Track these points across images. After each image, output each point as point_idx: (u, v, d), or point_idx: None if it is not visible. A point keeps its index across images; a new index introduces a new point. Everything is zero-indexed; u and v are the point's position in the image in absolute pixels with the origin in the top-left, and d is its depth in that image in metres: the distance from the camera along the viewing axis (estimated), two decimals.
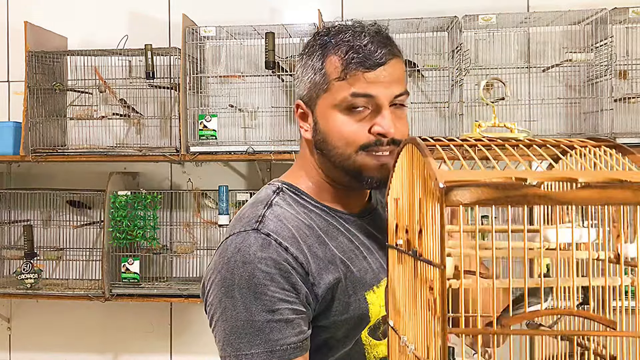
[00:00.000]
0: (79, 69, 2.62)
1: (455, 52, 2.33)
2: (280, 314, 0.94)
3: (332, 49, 1.01)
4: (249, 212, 1.02)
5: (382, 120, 1.00)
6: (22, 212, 2.72)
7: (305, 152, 1.10)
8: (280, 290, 0.94)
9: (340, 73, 0.99)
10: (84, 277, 2.69)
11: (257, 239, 0.97)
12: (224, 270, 0.97)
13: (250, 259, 0.95)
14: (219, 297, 0.96)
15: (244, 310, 0.94)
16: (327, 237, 1.02)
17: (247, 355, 0.93)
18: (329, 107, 1.01)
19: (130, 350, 2.75)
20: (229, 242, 0.99)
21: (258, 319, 0.93)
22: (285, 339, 0.94)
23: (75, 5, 2.77)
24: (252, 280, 0.94)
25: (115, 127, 2.70)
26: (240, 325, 0.94)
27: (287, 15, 2.66)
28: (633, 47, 2.40)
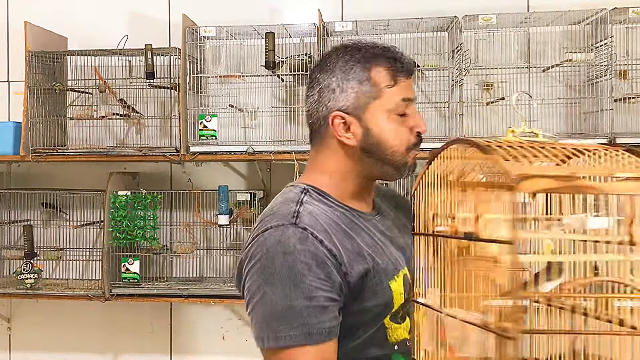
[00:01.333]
0: (79, 69, 2.62)
1: (455, 52, 2.33)
2: (317, 300, 1.04)
3: (374, 60, 1.15)
4: (283, 209, 1.11)
5: (419, 120, 1.17)
6: (22, 212, 2.72)
7: (335, 158, 1.18)
8: (317, 279, 1.04)
9: (390, 80, 1.14)
10: (84, 277, 2.69)
11: (296, 232, 1.06)
12: (264, 259, 1.06)
13: (290, 250, 1.05)
14: (258, 283, 1.06)
15: (284, 296, 1.03)
16: (352, 232, 1.13)
17: (287, 337, 1.03)
18: (383, 112, 1.14)
19: (130, 350, 2.75)
20: (267, 234, 1.08)
21: (297, 304, 1.03)
22: (321, 323, 1.03)
23: (75, 5, 2.77)
24: (292, 269, 1.04)
25: (115, 127, 2.70)
26: (279, 309, 1.03)
27: (287, 15, 2.66)
28: (633, 47, 2.40)
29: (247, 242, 1.12)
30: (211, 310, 2.67)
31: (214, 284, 2.52)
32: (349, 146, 1.16)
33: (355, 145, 1.16)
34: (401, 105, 1.14)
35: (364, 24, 2.42)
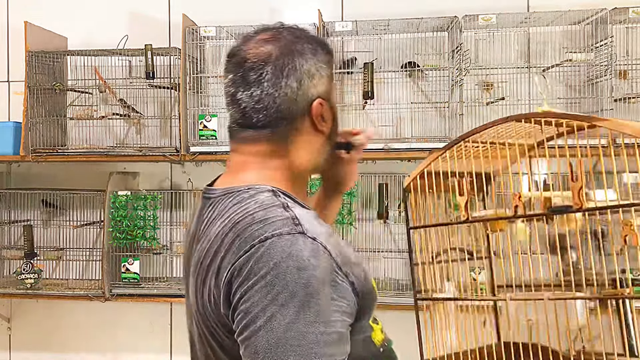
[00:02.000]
0: (79, 69, 2.62)
1: (455, 52, 2.33)
2: (332, 325, 0.88)
3: (326, 48, 1.06)
4: (272, 215, 0.93)
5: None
6: (22, 212, 2.72)
7: (307, 150, 1.05)
8: (332, 300, 0.89)
9: (331, 68, 1.06)
10: (84, 277, 2.69)
11: (306, 243, 0.89)
12: (270, 275, 0.87)
13: (304, 265, 0.87)
14: (262, 304, 0.86)
15: (297, 320, 0.85)
16: (332, 235, 0.99)
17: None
18: (334, 95, 1.07)
19: (130, 350, 2.75)
20: (270, 245, 0.89)
21: (312, 330, 0.86)
22: (338, 355, 0.88)
23: (75, 5, 2.77)
24: (307, 288, 0.86)
25: (115, 127, 2.70)
26: (291, 336, 0.85)
27: (287, 15, 2.66)
28: (633, 47, 2.40)
29: (232, 256, 0.91)
30: None
31: None
32: (321, 136, 1.06)
33: (325, 132, 1.06)
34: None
35: (364, 24, 2.42)
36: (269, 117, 1.01)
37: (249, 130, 1.03)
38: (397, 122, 2.50)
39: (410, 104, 2.49)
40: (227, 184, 1.03)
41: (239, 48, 1.01)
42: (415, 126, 2.49)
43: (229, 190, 1.01)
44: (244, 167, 1.04)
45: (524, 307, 0.79)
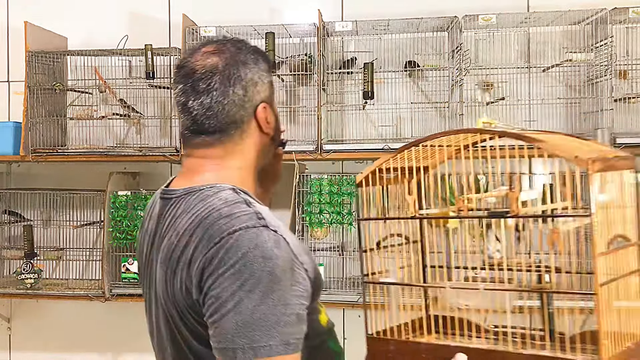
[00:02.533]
0: (79, 69, 2.62)
1: (455, 52, 2.33)
2: (292, 308, 0.99)
3: (264, 57, 1.20)
4: (237, 210, 1.03)
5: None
6: (22, 212, 2.72)
7: (249, 155, 1.15)
8: (291, 286, 1.00)
9: (271, 75, 1.19)
10: (84, 277, 2.69)
11: (270, 235, 1.00)
12: (238, 264, 0.98)
13: (269, 255, 0.98)
14: (231, 290, 0.98)
15: (262, 304, 0.97)
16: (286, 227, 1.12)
17: (265, 347, 0.97)
18: (275, 99, 1.20)
19: (130, 350, 2.75)
20: (238, 237, 0.99)
21: (275, 312, 0.98)
22: (297, 333, 1.00)
23: (75, 5, 2.77)
24: (271, 275, 0.97)
25: (115, 127, 2.70)
26: (256, 318, 0.97)
27: (287, 15, 2.66)
28: (633, 47, 2.40)
29: (203, 248, 1.01)
30: None
31: None
32: (266, 137, 1.17)
33: (270, 134, 1.17)
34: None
35: (364, 24, 2.42)
36: (220, 123, 1.11)
37: (202, 135, 1.11)
38: (397, 122, 2.50)
39: (410, 104, 2.49)
40: (185, 185, 1.11)
41: (186, 60, 1.12)
42: (415, 126, 2.49)
43: (190, 189, 1.09)
44: (200, 169, 1.13)
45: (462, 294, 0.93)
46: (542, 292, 0.86)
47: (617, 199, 0.88)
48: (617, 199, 0.88)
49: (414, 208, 0.99)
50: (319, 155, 2.33)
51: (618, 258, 0.85)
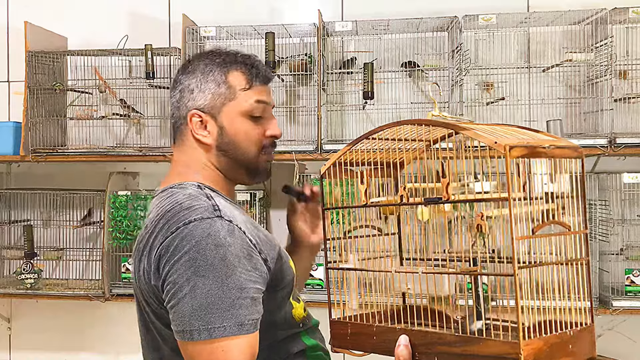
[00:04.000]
0: (79, 69, 2.62)
1: (455, 52, 2.33)
2: (247, 292, 1.06)
3: (233, 65, 1.22)
4: (196, 204, 1.11)
5: (274, 124, 1.25)
6: (22, 212, 2.72)
7: (198, 156, 1.23)
8: (246, 271, 1.07)
9: (246, 84, 1.21)
10: (84, 277, 2.70)
11: (223, 225, 1.08)
12: (192, 252, 1.05)
13: (221, 243, 1.06)
14: (186, 276, 1.05)
15: (216, 288, 1.04)
16: (252, 223, 1.19)
17: (219, 328, 1.03)
18: (236, 113, 1.21)
19: (131, 350, 2.75)
20: (193, 227, 1.07)
21: (229, 296, 1.04)
22: (252, 315, 1.06)
23: (75, 5, 2.77)
24: (224, 261, 1.05)
25: (115, 127, 2.70)
26: (211, 301, 1.03)
27: (287, 15, 2.66)
28: (633, 47, 2.40)
29: (158, 237, 1.10)
30: None
31: None
32: (206, 144, 1.22)
33: (211, 144, 1.22)
34: (255, 107, 1.21)
35: (364, 24, 2.42)
36: (172, 123, 1.27)
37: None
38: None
39: (410, 104, 2.49)
40: (164, 184, 1.23)
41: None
42: None
43: (165, 188, 1.21)
44: (172, 170, 1.27)
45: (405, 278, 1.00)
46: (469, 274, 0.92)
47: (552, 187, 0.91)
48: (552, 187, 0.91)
49: (365, 197, 1.05)
50: (319, 155, 2.33)
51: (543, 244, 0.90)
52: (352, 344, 1.04)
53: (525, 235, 0.86)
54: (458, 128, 0.91)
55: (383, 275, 1.04)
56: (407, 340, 0.94)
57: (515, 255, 0.83)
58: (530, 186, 0.89)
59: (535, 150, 0.87)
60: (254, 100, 1.21)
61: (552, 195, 0.91)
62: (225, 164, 1.23)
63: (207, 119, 1.21)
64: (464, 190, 0.95)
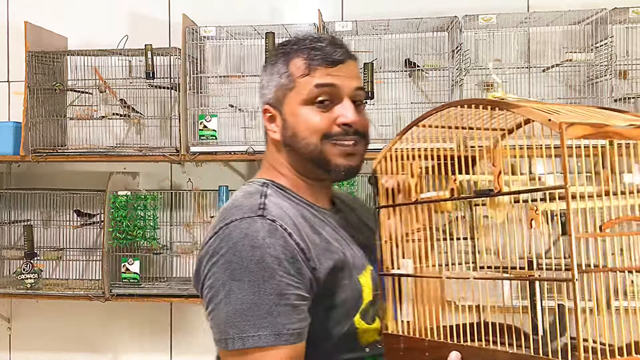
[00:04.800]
0: (79, 69, 2.62)
1: (455, 52, 2.33)
2: (287, 298, 0.96)
3: (294, 53, 1.12)
4: (246, 202, 1.04)
5: (344, 109, 1.08)
6: (22, 212, 2.72)
7: (274, 154, 1.16)
8: (287, 275, 0.97)
9: (304, 70, 1.09)
10: (84, 277, 2.69)
11: (264, 224, 0.99)
12: (229, 254, 0.98)
13: (259, 244, 0.97)
14: (222, 279, 0.98)
15: (251, 293, 0.95)
16: (317, 226, 1.07)
17: (254, 337, 0.94)
18: (296, 103, 1.10)
19: (130, 350, 2.75)
20: (232, 227, 1.00)
21: (266, 302, 0.95)
22: (291, 324, 0.96)
23: (75, 5, 2.77)
24: (261, 264, 0.96)
25: (115, 127, 2.70)
26: (246, 307, 0.95)
27: (287, 15, 2.66)
28: (633, 47, 2.40)
29: (207, 237, 1.04)
30: None
31: None
32: (275, 140, 1.14)
33: (279, 139, 1.14)
34: (315, 92, 1.08)
35: (364, 24, 2.42)
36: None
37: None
38: (397, 122, 2.49)
39: (410, 104, 2.49)
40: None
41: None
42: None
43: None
44: (260, 166, 1.21)
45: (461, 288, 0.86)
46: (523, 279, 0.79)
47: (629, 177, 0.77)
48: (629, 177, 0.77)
49: (415, 192, 0.92)
50: None
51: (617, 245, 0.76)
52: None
53: (589, 234, 0.73)
54: (510, 106, 0.79)
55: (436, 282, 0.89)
56: (459, 357, 0.83)
57: (575, 258, 0.69)
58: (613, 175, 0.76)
59: (604, 130, 0.73)
60: (313, 84, 1.08)
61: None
62: (295, 160, 1.12)
63: (275, 113, 1.14)
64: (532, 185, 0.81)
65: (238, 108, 2.58)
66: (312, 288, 1.01)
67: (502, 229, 0.82)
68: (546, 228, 0.74)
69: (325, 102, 1.09)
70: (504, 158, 0.80)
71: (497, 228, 0.83)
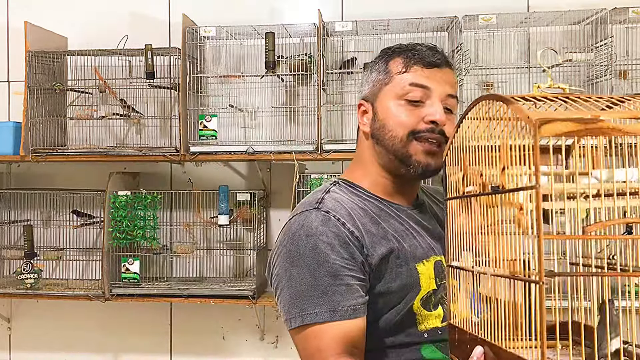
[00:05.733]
0: (79, 69, 2.62)
1: (455, 52, 2.33)
2: (341, 279, 1.06)
3: (395, 54, 1.19)
4: (310, 198, 1.17)
5: (434, 109, 1.13)
6: (22, 212, 2.72)
7: (362, 148, 1.23)
8: (340, 258, 1.07)
9: (402, 67, 1.16)
10: (84, 277, 2.69)
11: (318, 215, 1.10)
12: (289, 244, 1.10)
13: (312, 232, 1.08)
14: (284, 267, 1.10)
15: (309, 276, 1.06)
16: (379, 219, 1.16)
17: (312, 314, 1.05)
18: (389, 96, 1.17)
19: (130, 350, 2.75)
20: (293, 221, 1.13)
21: (321, 283, 1.06)
22: (346, 301, 1.06)
23: (75, 5, 2.77)
24: (315, 250, 1.07)
25: (115, 127, 2.70)
26: (305, 289, 1.06)
27: (287, 15, 2.66)
28: (633, 47, 2.40)
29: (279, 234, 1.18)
30: (211, 310, 2.67)
31: (214, 284, 2.52)
32: (365, 132, 1.21)
33: (368, 132, 1.20)
34: (410, 89, 1.14)
35: (364, 24, 2.42)
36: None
37: None
38: None
39: None
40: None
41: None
42: None
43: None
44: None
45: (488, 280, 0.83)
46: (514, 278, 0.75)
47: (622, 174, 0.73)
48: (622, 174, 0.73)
49: (462, 186, 0.89)
50: (319, 155, 2.33)
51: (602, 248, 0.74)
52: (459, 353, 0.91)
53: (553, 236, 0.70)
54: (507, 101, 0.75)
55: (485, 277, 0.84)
56: (482, 353, 0.83)
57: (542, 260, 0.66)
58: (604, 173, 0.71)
59: (595, 126, 0.67)
60: (409, 83, 1.14)
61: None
62: (379, 152, 1.18)
63: (367, 106, 1.21)
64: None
65: (238, 108, 2.58)
66: (366, 271, 1.10)
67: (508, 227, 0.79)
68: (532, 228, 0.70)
69: (416, 101, 1.15)
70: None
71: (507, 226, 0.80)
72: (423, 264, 1.15)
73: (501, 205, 0.78)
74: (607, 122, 0.67)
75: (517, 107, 0.72)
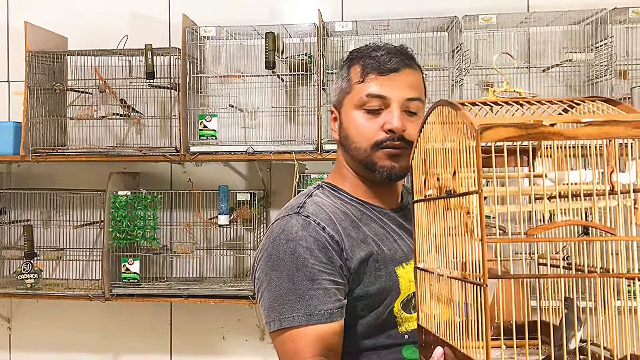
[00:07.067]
0: (79, 69, 2.62)
1: (455, 52, 2.33)
2: (319, 283, 1.08)
3: (355, 60, 1.21)
4: (293, 202, 1.19)
5: (391, 117, 1.15)
6: (22, 212, 2.72)
7: (339, 152, 1.26)
8: (319, 263, 1.09)
9: (360, 77, 1.18)
10: (84, 277, 2.69)
11: (298, 220, 1.12)
12: (270, 248, 1.12)
13: (292, 237, 1.10)
14: (265, 271, 1.12)
15: (288, 280, 1.08)
16: (360, 222, 1.17)
17: (289, 318, 1.07)
18: (350, 107, 1.19)
19: (130, 350, 2.75)
20: (275, 225, 1.15)
21: (299, 287, 1.08)
22: (323, 305, 1.08)
23: (75, 5, 2.77)
24: (294, 254, 1.09)
25: (115, 127, 2.70)
26: (283, 293, 1.08)
27: (287, 15, 2.66)
28: (633, 47, 2.40)
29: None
30: (211, 310, 2.67)
31: (214, 284, 2.53)
32: (335, 140, 1.26)
33: (337, 139, 1.25)
34: (366, 100, 1.16)
35: (364, 24, 2.42)
36: None
37: None
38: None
39: None
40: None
41: None
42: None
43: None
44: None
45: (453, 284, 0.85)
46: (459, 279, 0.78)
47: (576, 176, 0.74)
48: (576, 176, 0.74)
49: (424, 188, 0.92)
50: (319, 155, 2.33)
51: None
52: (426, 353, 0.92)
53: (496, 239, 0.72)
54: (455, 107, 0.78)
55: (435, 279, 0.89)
56: (442, 354, 0.85)
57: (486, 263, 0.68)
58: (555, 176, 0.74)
59: (537, 130, 0.69)
60: (365, 94, 1.16)
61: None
62: (349, 159, 1.22)
63: (335, 113, 1.25)
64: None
65: (238, 108, 2.58)
66: (344, 275, 1.11)
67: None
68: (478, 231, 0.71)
69: (374, 110, 1.17)
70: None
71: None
72: (403, 267, 1.16)
73: (453, 209, 0.80)
74: (549, 127, 0.69)
75: (463, 113, 0.74)
